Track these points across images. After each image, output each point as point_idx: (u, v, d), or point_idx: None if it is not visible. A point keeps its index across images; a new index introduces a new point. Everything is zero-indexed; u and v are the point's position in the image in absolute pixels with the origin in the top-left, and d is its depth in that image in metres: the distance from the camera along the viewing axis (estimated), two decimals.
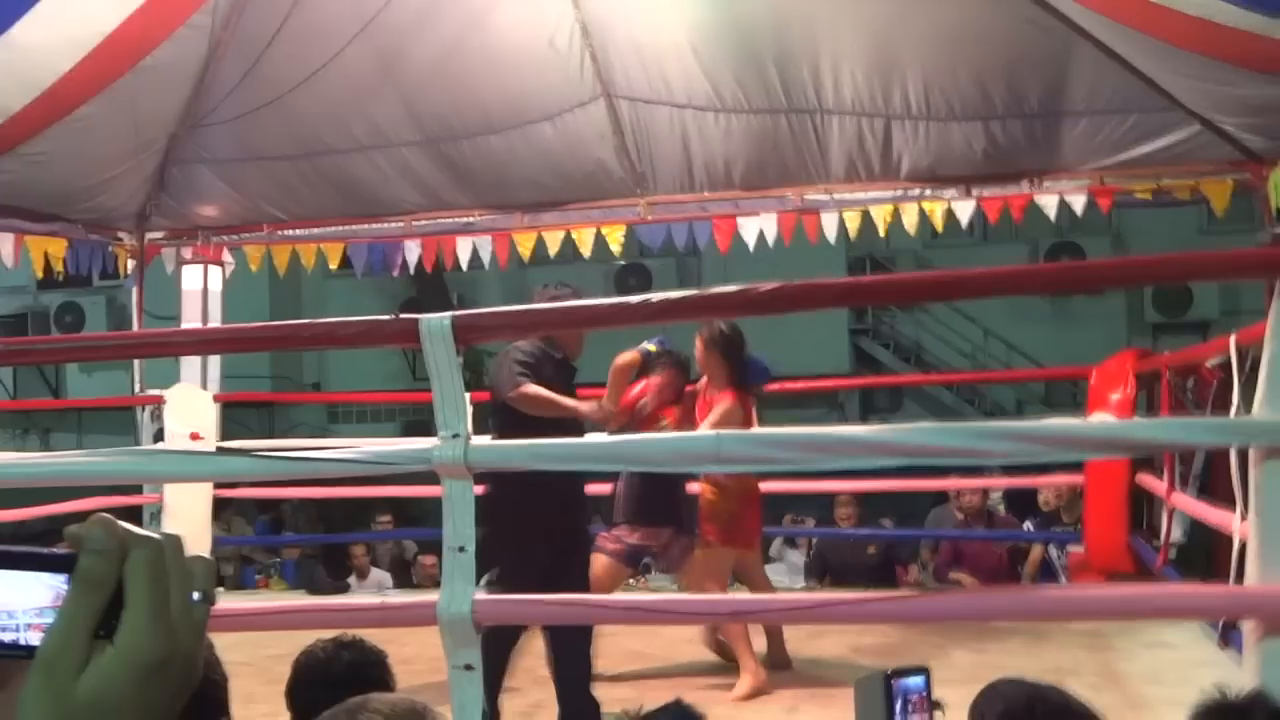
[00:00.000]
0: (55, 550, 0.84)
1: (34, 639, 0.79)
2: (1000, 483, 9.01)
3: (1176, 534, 6.13)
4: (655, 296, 3.35)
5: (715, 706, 2.58)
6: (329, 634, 2.93)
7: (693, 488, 6.08)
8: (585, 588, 4.77)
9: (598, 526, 6.20)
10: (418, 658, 4.20)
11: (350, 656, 2.81)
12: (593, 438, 4.55)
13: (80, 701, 0.75)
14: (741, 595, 3.98)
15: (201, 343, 5.25)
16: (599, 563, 5.60)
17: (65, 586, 0.79)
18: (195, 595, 0.80)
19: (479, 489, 3.27)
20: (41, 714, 0.76)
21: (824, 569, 8.97)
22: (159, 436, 7.80)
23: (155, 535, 0.79)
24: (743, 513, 5.97)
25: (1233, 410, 3.55)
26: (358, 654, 2.82)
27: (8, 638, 0.80)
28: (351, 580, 9.37)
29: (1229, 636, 5.23)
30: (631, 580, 9.36)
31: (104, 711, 0.75)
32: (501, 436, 4.68)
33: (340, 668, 2.76)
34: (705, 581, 5.71)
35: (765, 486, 7.68)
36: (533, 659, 5.71)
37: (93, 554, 0.78)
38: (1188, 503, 5.61)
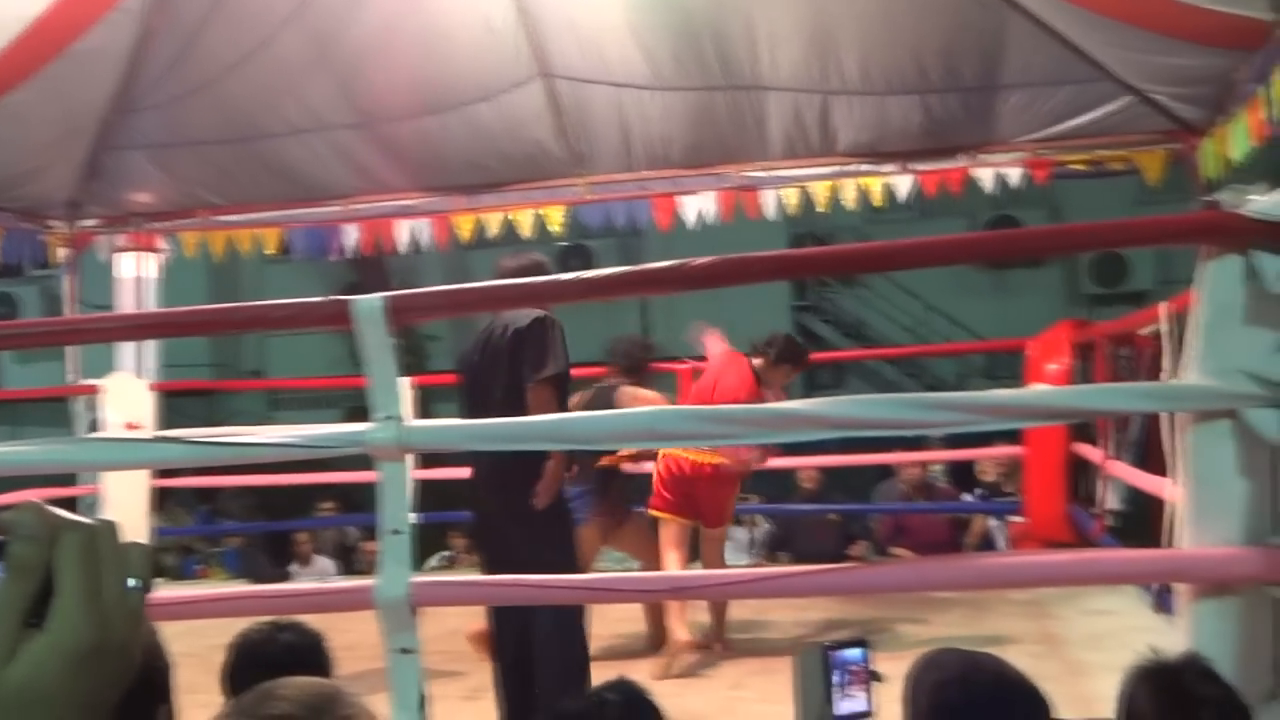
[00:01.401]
0: None
1: None
2: (942, 455, 9.09)
3: (1114, 502, 6.20)
4: (590, 273, 3.34)
5: (656, 684, 2.58)
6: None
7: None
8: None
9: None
10: (361, 644, 4.17)
11: (287, 639, 2.78)
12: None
13: (9, 690, 0.73)
14: (683, 571, 3.99)
15: (131, 327, 5.17)
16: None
17: None
18: (130, 582, 0.78)
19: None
20: None
21: (782, 545, 9.01)
22: (95, 427, 7.70)
23: (88, 520, 0.77)
24: (731, 493, 6.14)
25: (1164, 377, 3.59)
26: (295, 636, 2.79)
27: None
28: (294, 568, 9.32)
29: (1164, 601, 5.30)
30: None
31: (35, 700, 0.74)
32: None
33: (277, 650, 2.73)
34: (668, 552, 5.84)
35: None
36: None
37: (22, 540, 0.76)
38: (1124, 470, 5.68)
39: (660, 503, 6.12)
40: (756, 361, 6.24)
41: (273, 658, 2.65)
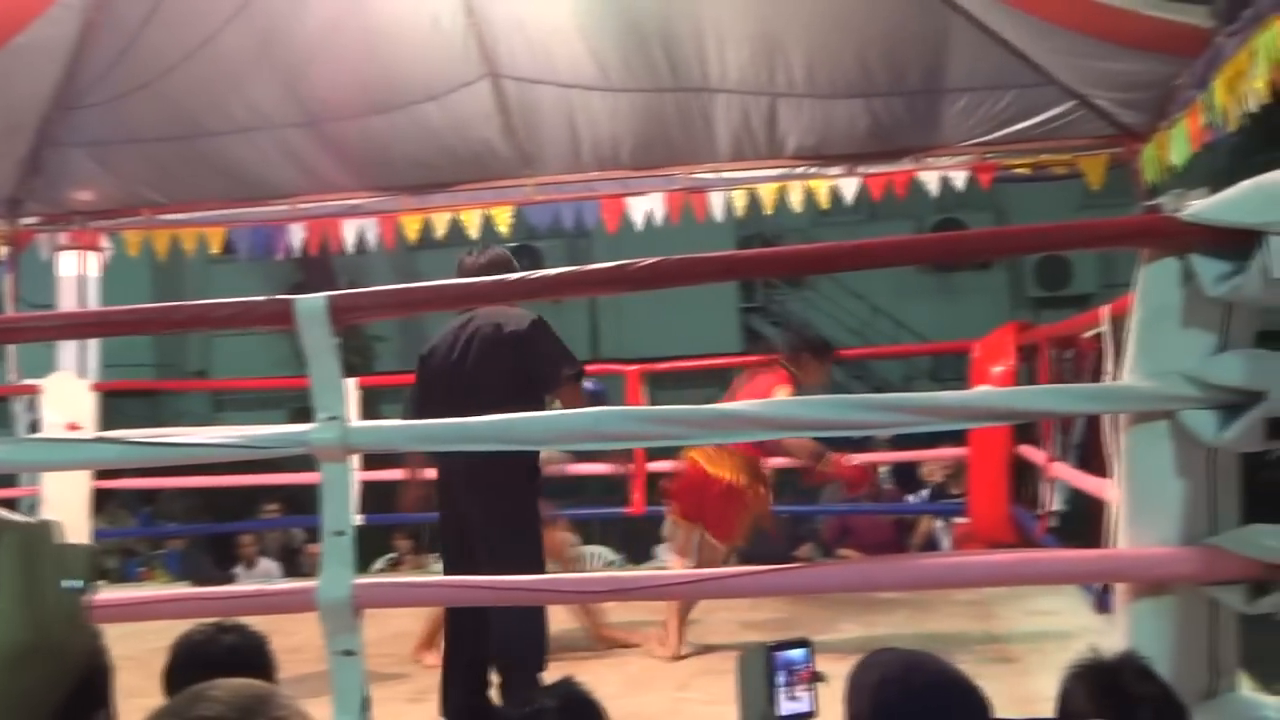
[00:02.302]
0: None
1: None
2: (888, 457, 9.15)
3: (1057, 503, 6.25)
4: (534, 273, 3.33)
5: (602, 685, 2.57)
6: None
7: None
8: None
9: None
10: (306, 646, 4.13)
11: (230, 640, 2.75)
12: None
13: None
14: (623, 573, 3.99)
15: (72, 326, 5.10)
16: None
17: None
18: (69, 583, 0.76)
19: None
20: None
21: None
22: (34, 428, 7.60)
23: (26, 520, 0.75)
24: (742, 512, 6.09)
25: (1106, 378, 3.62)
26: (238, 638, 2.76)
27: None
28: (239, 570, 9.24)
29: (1105, 602, 5.35)
30: None
31: None
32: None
33: (219, 651, 2.69)
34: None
35: (656, 466, 7.75)
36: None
37: None
38: (1067, 472, 5.73)
39: (674, 507, 6.19)
40: (792, 368, 6.12)
41: (215, 659, 2.62)
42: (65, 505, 7.21)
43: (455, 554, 4.74)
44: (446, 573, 4.74)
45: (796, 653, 2.96)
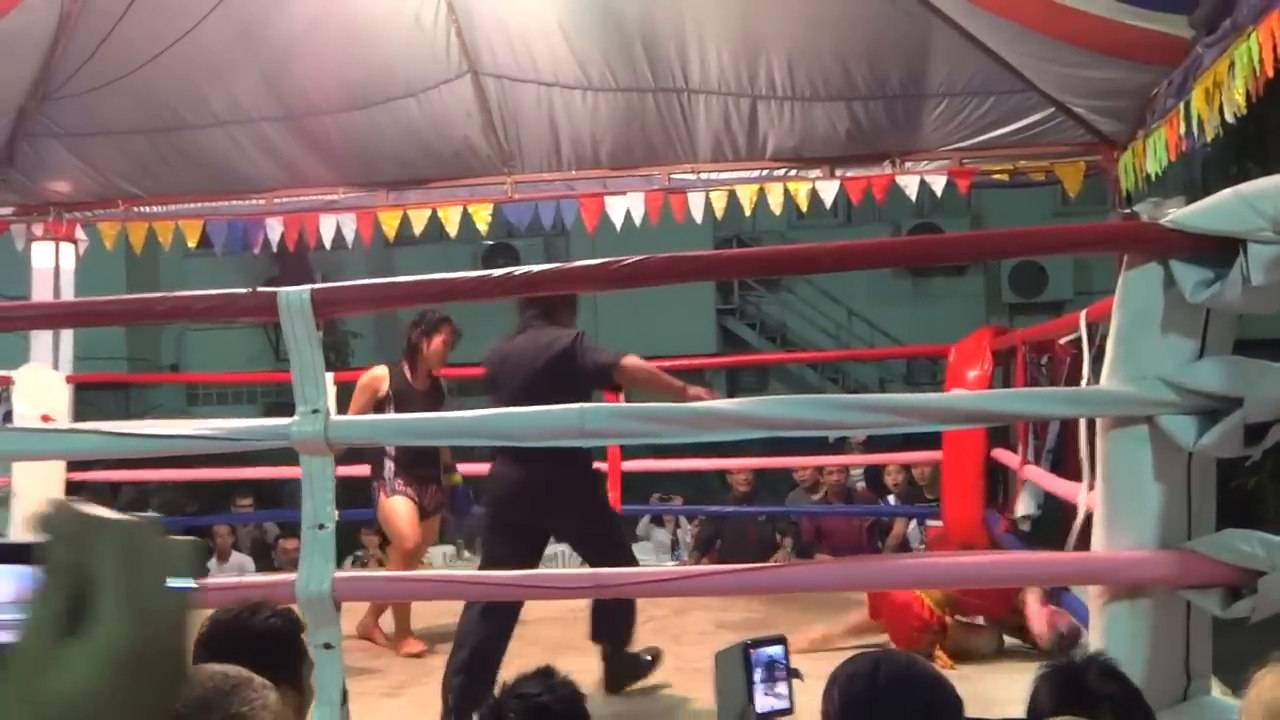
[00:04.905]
0: (17, 540, 0.79)
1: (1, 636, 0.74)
2: (863, 459, 9.17)
3: (1030, 507, 6.28)
4: (518, 270, 3.33)
5: (578, 680, 2.58)
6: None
7: None
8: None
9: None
10: None
11: (268, 620, 2.69)
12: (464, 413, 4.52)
13: (52, 701, 0.70)
14: (603, 570, 3.99)
15: (51, 316, 5.07)
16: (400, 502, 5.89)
17: (31, 579, 0.73)
18: (174, 582, 0.74)
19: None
20: (15, 712, 0.71)
21: (708, 546, 9.02)
22: (7, 419, 7.54)
23: (126, 519, 0.74)
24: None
25: (1083, 383, 3.65)
26: (278, 618, 2.71)
27: None
28: (212, 563, 9.19)
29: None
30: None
31: (80, 708, 0.70)
32: None
33: (255, 629, 2.64)
34: None
35: (631, 466, 7.74)
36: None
37: (59, 541, 0.73)
38: (1040, 475, 5.76)
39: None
40: None
41: (250, 637, 2.58)
42: (38, 497, 7.17)
43: (523, 562, 4.82)
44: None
45: (773, 650, 2.98)
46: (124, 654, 0.71)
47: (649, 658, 5.26)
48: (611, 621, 5.13)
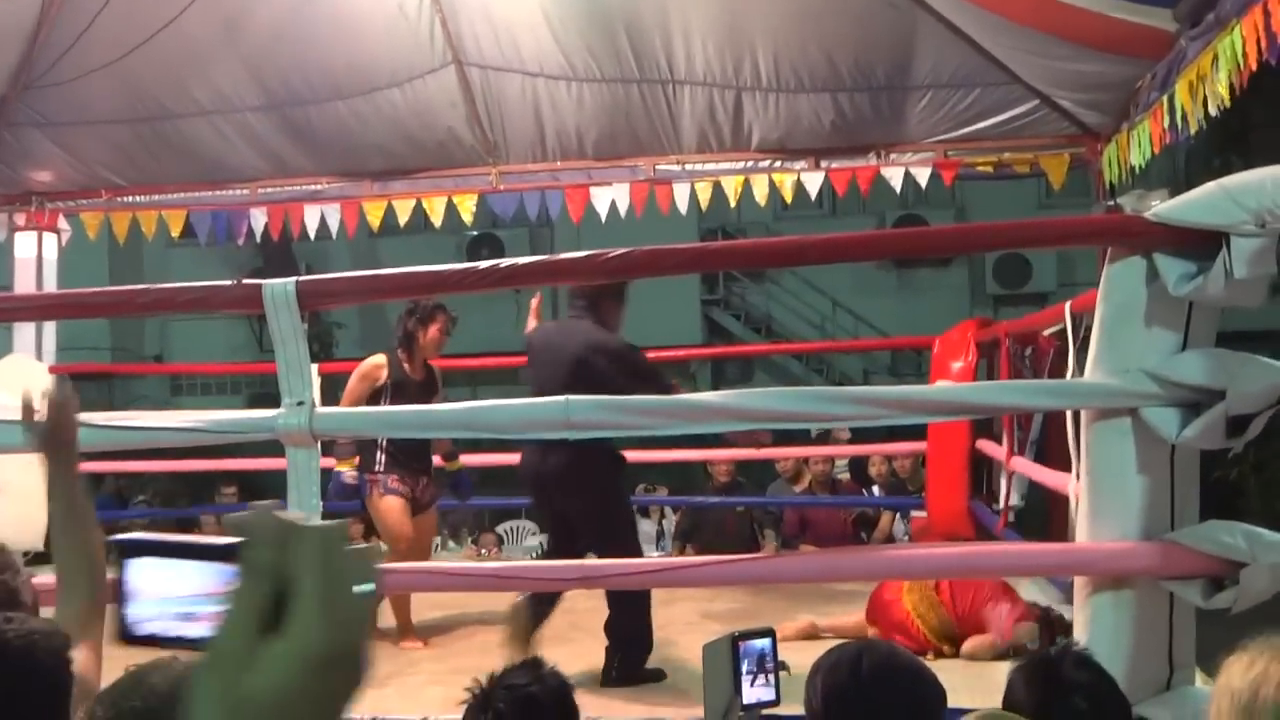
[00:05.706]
0: (220, 541, 0.80)
1: (197, 631, 0.76)
2: (847, 450, 9.19)
3: (1015, 498, 6.30)
4: (504, 262, 3.33)
5: (565, 670, 2.58)
6: None
7: None
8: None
9: None
10: None
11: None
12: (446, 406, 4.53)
13: (250, 696, 0.71)
14: (587, 561, 4.00)
15: (36, 307, 5.05)
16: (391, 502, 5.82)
17: (230, 578, 0.75)
18: (362, 587, 0.76)
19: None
20: (211, 709, 0.73)
21: (690, 537, 9.00)
22: None
23: (320, 524, 0.75)
24: None
25: (1068, 375, 3.66)
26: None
27: (171, 629, 0.76)
28: None
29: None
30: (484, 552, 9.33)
31: (274, 707, 0.72)
32: None
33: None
34: None
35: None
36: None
37: (259, 544, 0.74)
38: (1025, 466, 5.78)
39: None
40: None
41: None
42: (21, 489, 7.13)
43: (562, 546, 5.04)
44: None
45: (761, 642, 2.98)
46: (317, 656, 0.73)
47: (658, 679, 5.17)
48: (625, 616, 5.07)
